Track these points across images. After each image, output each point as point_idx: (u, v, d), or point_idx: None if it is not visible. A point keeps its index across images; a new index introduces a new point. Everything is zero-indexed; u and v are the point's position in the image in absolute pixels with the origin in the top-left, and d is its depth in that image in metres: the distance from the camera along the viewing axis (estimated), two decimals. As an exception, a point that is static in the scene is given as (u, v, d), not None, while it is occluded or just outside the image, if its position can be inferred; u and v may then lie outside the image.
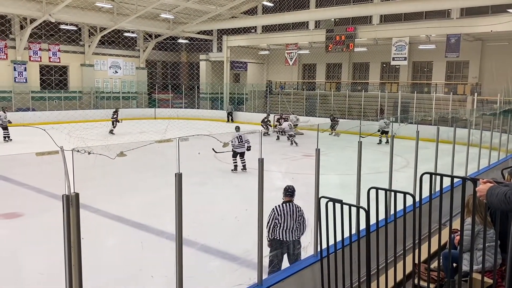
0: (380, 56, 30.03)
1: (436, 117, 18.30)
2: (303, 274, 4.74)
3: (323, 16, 28.71)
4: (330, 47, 28.57)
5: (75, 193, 2.63)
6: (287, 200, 5.55)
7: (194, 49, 36.72)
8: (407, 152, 9.84)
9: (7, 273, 6.17)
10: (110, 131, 22.79)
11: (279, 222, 5.42)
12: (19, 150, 14.31)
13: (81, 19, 28.10)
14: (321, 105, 30.32)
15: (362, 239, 4.46)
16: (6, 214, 8.60)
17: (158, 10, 29.32)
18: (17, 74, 28.01)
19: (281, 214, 5.45)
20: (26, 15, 26.46)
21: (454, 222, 5.01)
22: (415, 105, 25.76)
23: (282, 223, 5.42)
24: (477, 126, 11.94)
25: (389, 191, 4.46)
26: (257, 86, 35.22)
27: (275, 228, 5.46)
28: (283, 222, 5.43)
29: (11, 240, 7.78)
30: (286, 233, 5.45)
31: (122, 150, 2.87)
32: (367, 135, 5.41)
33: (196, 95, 35.63)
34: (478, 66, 27.67)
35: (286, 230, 5.44)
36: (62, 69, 31.20)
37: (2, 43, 27.23)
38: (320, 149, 4.87)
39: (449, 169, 8.61)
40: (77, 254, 2.70)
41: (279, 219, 5.43)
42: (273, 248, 5.51)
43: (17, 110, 27.25)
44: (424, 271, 4.12)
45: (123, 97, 33.50)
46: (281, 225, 5.43)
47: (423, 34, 25.60)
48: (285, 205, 5.52)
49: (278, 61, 35.00)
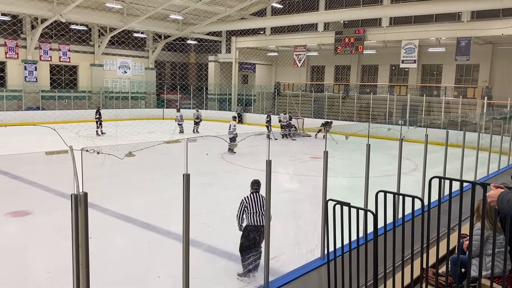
0: (389, 59, 29.90)
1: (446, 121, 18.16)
2: (309, 277, 4.72)
3: (332, 18, 28.64)
4: (339, 49, 28.50)
5: (83, 192, 2.65)
6: (254, 191, 6.36)
7: (203, 50, 36.83)
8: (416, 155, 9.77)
9: (15, 271, 6.22)
10: (98, 132, 22.02)
11: (248, 209, 6.22)
12: (29, 149, 14.44)
13: (91, 19, 28.34)
14: (329, 107, 30.24)
15: (369, 242, 4.44)
16: (15, 212, 8.68)
17: (168, 11, 29.46)
18: (28, 74, 28.29)
19: (249, 202, 6.25)
20: (37, 15, 26.74)
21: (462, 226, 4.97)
22: (424, 108, 25.59)
23: (250, 210, 6.21)
24: (487, 130, 11.83)
25: (397, 195, 4.43)
26: (265, 88, 35.23)
27: (247, 215, 6.22)
28: (251, 209, 6.22)
29: (20, 238, 7.85)
30: (255, 218, 6.18)
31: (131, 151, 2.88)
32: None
33: (204, 96, 35.71)
34: (489, 69, 27.42)
35: (255, 215, 6.19)
36: (72, 69, 31.46)
37: (14, 42, 27.52)
38: (328, 151, 4.85)
39: (458, 173, 8.54)
40: (85, 253, 2.72)
41: (248, 207, 6.22)
42: (247, 235, 6.18)
43: (27, 109, 27.51)
44: (432, 276, 4.09)
45: (131, 97, 33.69)
46: (250, 212, 6.20)
47: (433, 37, 25.44)
48: (252, 195, 6.32)
49: (286, 63, 34.98)
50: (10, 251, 6.92)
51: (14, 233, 8.19)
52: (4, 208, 8.82)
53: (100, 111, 22.80)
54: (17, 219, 8.46)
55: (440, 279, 4.04)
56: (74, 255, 2.70)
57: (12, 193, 10.28)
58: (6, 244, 7.42)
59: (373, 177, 5.79)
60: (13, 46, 27.52)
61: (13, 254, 6.78)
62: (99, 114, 22.38)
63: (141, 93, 34.83)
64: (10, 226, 8.37)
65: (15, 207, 8.89)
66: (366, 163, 5.63)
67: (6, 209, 8.76)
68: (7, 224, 8.35)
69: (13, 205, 9.02)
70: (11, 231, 8.26)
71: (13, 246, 7.33)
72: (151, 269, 6.31)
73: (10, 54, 27.47)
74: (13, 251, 6.95)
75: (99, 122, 22.32)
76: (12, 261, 6.52)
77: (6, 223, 8.34)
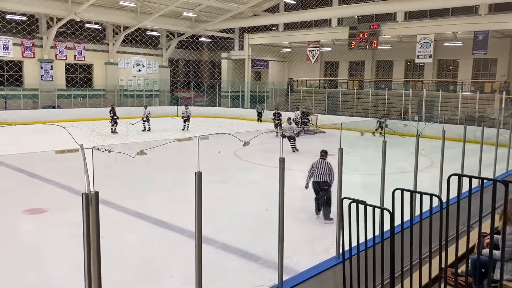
0: (404, 54, 29.49)
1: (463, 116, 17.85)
2: (324, 276, 4.65)
3: (346, 13, 28.35)
4: (353, 45, 28.20)
5: (94, 191, 2.62)
6: (321, 158, 8.48)
7: (216, 48, 36.85)
8: (432, 151, 9.59)
9: (32, 268, 6.28)
10: (113, 131, 22.02)
11: (314, 170, 8.34)
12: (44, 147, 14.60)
13: (105, 18, 28.56)
14: (343, 104, 29.97)
15: (385, 241, 4.34)
16: (32, 209, 8.78)
17: (181, 8, 29.52)
18: (44, 72, 28.65)
19: (317, 166, 8.36)
20: (53, 14, 27.05)
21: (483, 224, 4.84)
22: (440, 104, 25.18)
23: (316, 171, 8.33)
24: (505, 125, 11.57)
25: (414, 193, 4.32)
26: (279, 84, 35.07)
27: (313, 174, 8.35)
28: (317, 170, 8.32)
29: (36, 236, 7.93)
30: (319, 177, 8.28)
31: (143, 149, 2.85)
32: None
33: (218, 93, 35.73)
34: (507, 63, 26.85)
35: (320, 175, 8.28)
36: (87, 68, 31.77)
37: (30, 42, 27.89)
38: (344, 148, 4.77)
39: (475, 169, 8.36)
40: (96, 251, 2.69)
41: (315, 169, 8.35)
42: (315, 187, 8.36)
43: (43, 107, 27.88)
44: (451, 276, 3.98)
45: (146, 95, 33.88)
46: (316, 172, 8.32)
47: (449, 31, 24.99)
48: (319, 160, 8.45)
49: (299, 59, 34.77)
50: (26, 248, 7.00)
51: (30, 230, 8.29)
52: (21, 205, 8.93)
53: (114, 109, 22.86)
54: (33, 217, 8.56)
55: (459, 279, 3.94)
56: (86, 253, 2.68)
57: (29, 191, 10.41)
58: (23, 241, 7.51)
59: (389, 173, 5.69)
60: (30, 45, 27.89)
61: (29, 251, 6.85)
62: (113, 112, 22.46)
63: (155, 91, 35.01)
64: (26, 223, 8.47)
65: (31, 205, 8.99)
66: (382, 160, 5.52)
67: (23, 206, 8.86)
68: (24, 221, 8.45)
69: (29, 203, 9.13)
70: (27, 228, 8.36)
71: (29, 243, 7.41)
72: (164, 268, 6.30)
73: (27, 54, 27.85)
74: (30, 248, 7.03)
75: (115, 120, 22.40)
76: (28, 258, 6.58)
77: (23, 221, 8.44)
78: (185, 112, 23.92)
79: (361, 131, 5.45)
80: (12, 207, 8.95)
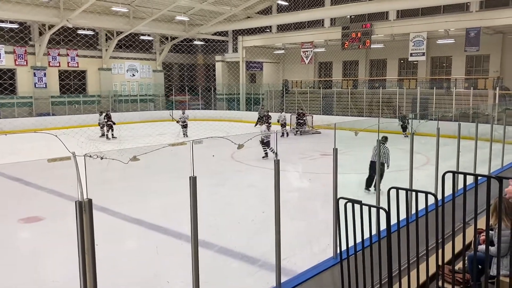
0: (398, 52, 29.59)
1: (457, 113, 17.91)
2: (322, 277, 4.64)
3: (338, 14, 28.42)
4: (346, 45, 28.28)
5: (87, 199, 2.60)
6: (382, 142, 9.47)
7: (210, 51, 36.84)
8: (427, 149, 9.62)
9: (29, 277, 6.24)
10: (109, 136, 21.90)
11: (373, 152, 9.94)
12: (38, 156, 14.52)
13: (98, 23, 28.48)
14: (338, 103, 30.01)
15: (382, 240, 4.34)
16: (28, 218, 8.72)
17: (173, 12, 29.51)
18: (37, 80, 28.54)
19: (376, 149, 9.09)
20: (45, 21, 26.94)
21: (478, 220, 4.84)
22: (435, 101, 25.28)
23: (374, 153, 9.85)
24: (499, 121, 11.62)
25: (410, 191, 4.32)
26: (273, 86, 35.10)
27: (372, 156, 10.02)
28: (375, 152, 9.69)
29: (32, 244, 7.88)
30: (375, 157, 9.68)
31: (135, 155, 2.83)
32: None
33: (213, 96, 35.71)
34: (500, 59, 27.00)
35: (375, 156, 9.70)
36: (81, 74, 31.68)
37: (22, 49, 27.78)
38: (338, 148, 4.77)
39: (471, 166, 8.39)
40: (91, 259, 2.67)
41: (372, 151, 9.98)
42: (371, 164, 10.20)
43: (37, 115, 27.76)
44: (448, 273, 3.98)
45: (140, 100, 33.81)
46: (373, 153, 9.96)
47: (442, 28, 25.08)
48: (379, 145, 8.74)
49: (293, 60, 34.82)
50: (22, 257, 6.95)
51: (26, 238, 8.23)
52: (17, 214, 8.87)
53: (109, 114, 22.77)
54: (29, 225, 8.50)
55: (457, 276, 3.94)
56: (81, 261, 2.66)
57: (24, 199, 10.34)
58: (20, 250, 7.46)
59: (385, 172, 5.69)
60: (22, 53, 27.79)
61: (26, 260, 6.80)
62: (107, 118, 22.35)
63: (149, 96, 34.94)
64: (23, 231, 8.41)
65: (27, 213, 8.93)
66: (377, 159, 5.52)
67: (19, 215, 8.81)
68: (20, 230, 8.40)
69: (25, 211, 9.07)
70: (24, 237, 8.31)
71: (25, 252, 7.36)
72: (161, 273, 6.27)
73: (19, 61, 27.74)
74: (26, 257, 6.98)
75: (109, 125, 22.29)
76: (25, 266, 6.54)
77: (19, 230, 8.38)
78: (182, 117, 23.50)
79: (355, 131, 5.45)
80: (8, 216, 8.89)
